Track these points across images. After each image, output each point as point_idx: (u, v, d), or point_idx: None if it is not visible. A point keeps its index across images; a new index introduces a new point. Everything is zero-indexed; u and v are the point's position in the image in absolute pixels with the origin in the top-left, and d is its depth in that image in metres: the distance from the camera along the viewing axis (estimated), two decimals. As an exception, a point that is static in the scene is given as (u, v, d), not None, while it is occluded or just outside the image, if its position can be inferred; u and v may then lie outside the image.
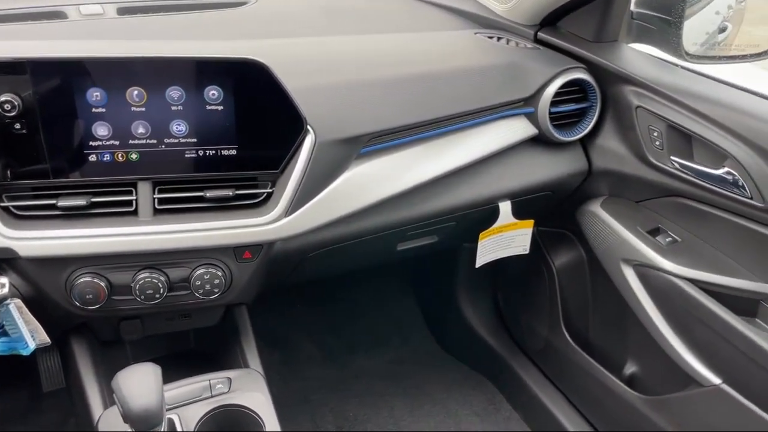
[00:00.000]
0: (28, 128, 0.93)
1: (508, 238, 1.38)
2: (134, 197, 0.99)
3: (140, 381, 0.87)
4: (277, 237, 1.05)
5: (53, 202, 0.96)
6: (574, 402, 1.61)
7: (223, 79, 0.97)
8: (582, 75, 1.25)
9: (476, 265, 1.39)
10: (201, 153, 1.00)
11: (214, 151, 1.01)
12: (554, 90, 1.23)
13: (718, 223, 1.16)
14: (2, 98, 0.90)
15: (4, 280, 0.99)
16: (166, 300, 1.05)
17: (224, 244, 1.03)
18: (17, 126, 0.92)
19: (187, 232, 1.00)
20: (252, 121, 1.01)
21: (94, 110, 0.94)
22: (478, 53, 1.29)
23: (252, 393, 1.11)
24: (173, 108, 0.97)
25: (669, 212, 1.26)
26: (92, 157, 0.96)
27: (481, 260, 1.38)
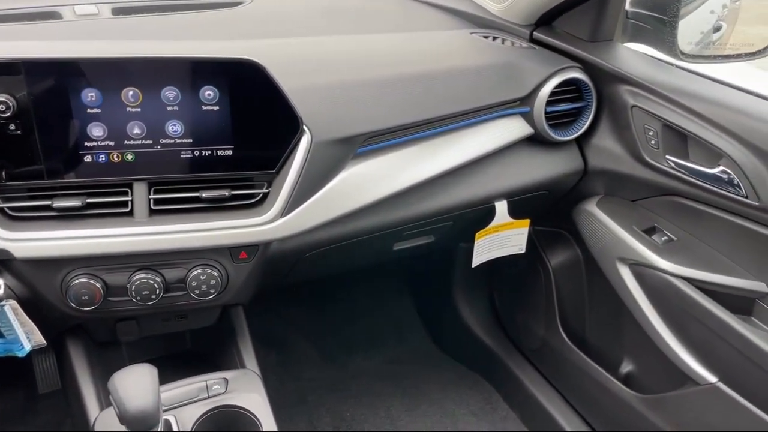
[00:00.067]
0: (23, 129, 0.92)
1: (504, 238, 1.38)
2: (130, 198, 0.99)
3: (136, 382, 0.87)
4: (274, 237, 1.05)
5: (48, 203, 0.96)
6: (571, 401, 1.61)
7: (219, 79, 0.97)
8: (577, 74, 1.26)
9: (473, 265, 1.39)
10: (197, 153, 1.00)
11: (209, 152, 1.00)
12: (550, 89, 1.23)
13: (714, 221, 1.17)
14: None
15: (-1, 281, 0.99)
16: (162, 301, 1.05)
17: (220, 244, 1.03)
18: (12, 127, 0.92)
19: (183, 233, 1.00)
20: (248, 121, 1.00)
21: (89, 111, 0.94)
22: (473, 53, 1.29)
23: (249, 394, 1.11)
24: (169, 108, 0.97)
25: (665, 211, 1.27)
26: (87, 158, 0.96)
27: (477, 260, 1.38)
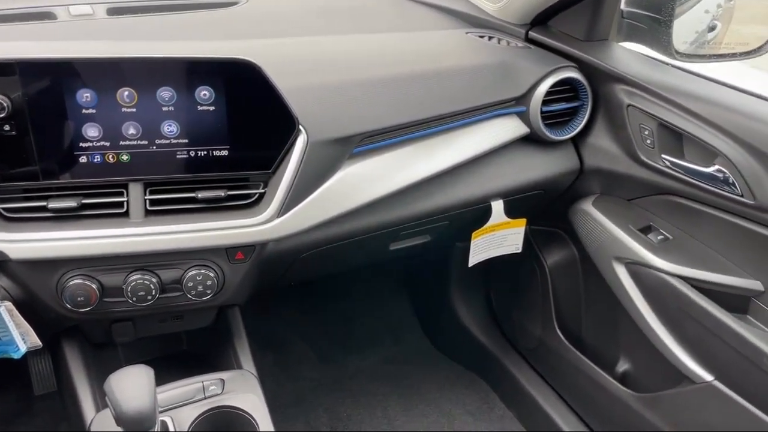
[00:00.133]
0: (18, 130, 0.92)
1: (500, 237, 1.38)
2: (125, 198, 0.99)
3: (133, 383, 0.87)
4: (270, 237, 1.05)
5: (44, 204, 0.96)
6: (568, 400, 1.61)
7: (215, 79, 0.97)
8: (573, 74, 1.26)
9: (469, 265, 1.39)
10: (192, 154, 1.00)
11: (205, 152, 1.00)
12: (545, 89, 1.24)
13: (709, 220, 1.17)
14: None
15: (-6, 283, 0.98)
16: (158, 301, 1.04)
17: (216, 245, 1.03)
18: (6, 128, 0.91)
19: (179, 233, 0.99)
20: (244, 121, 1.00)
21: (84, 111, 0.94)
22: (469, 53, 1.29)
23: (245, 394, 1.10)
24: (164, 109, 0.96)
25: (660, 210, 1.27)
26: (83, 159, 0.96)
27: (473, 259, 1.38)
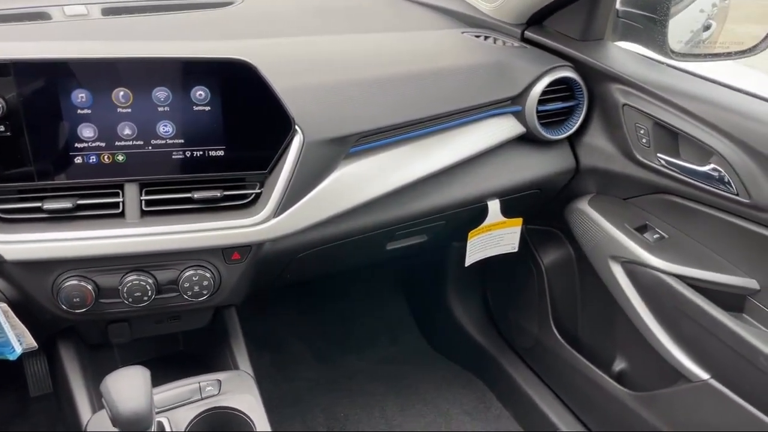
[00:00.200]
0: (13, 130, 0.91)
1: (497, 237, 1.38)
2: (121, 199, 0.98)
3: (129, 384, 0.86)
4: (266, 238, 1.04)
5: (39, 204, 0.95)
6: (564, 399, 1.62)
7: (210, 79, 0.97)
8: (569, 73, 1.26)
9: (465, 264, 1.39)
10: (188, 154, 0.99)
11: (201, 152, 1.00)
12: (541, 88, 1.24)
13: (705, 219, 1.17)
14: None
15: (-11, 284, 0.98)
16: (154, 302, 1.04)
17: (213, 245, 1.03)
18: (1, 128, 0.91)
19: (174, 234, 0.99)
20: (240, 121, 1.00)
21: (79, 112, 0.93)
22: (465, 52, 1.29)
23: (242, 395, 1.10)
24: (160, 109, 0.96)
25: (656, 209, 1.27)
26: (78, 159, 0.96)
27: (470, 259, 1.39)
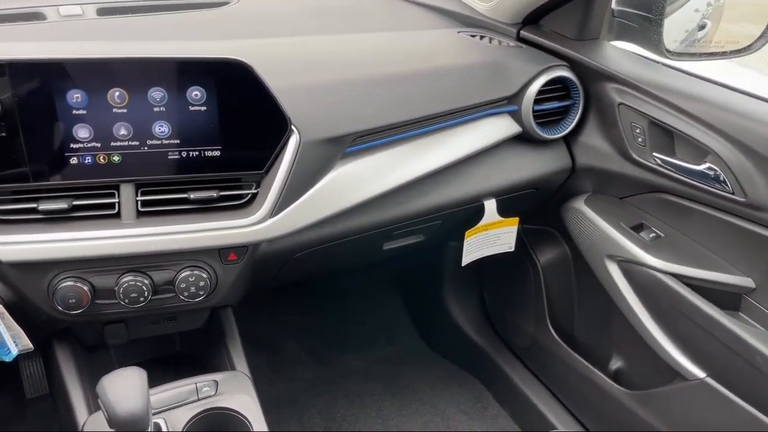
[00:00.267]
0: (8, 131, 0.91)
1: (493, 236, 1.38)
2: (117, 200, 0.98)
3: (125, 385, 0.86)
4: (263, 238, 1.04)
5: (34, 205, 0.95)
6: (561, 398, 1.62)
7: (206, 79, 0.96)
8: (565, 73, 1.26)
9: (462, 264, 1.39)
10: (184, 154, 0.99)
11: (197, 152, 1.00)
12: (537, 88, 1.24)
13: (701, 218, 1.17)
14: None
15: (-16, 285, 0.97)
16: (150, 303, 1.04)
17: (209, 246, 1.03)
18: (-4, 129, 0.91)
19: (171, 235, 0.99)
20: (236, 121, 1.00)
21: (74, 112, 0.93)
22: (461, 52, 1.29)
23: (239, 395, 1.10)
24: (155, 109, 0.96)
25: (652, 208, 1.28)
26: (73, 160, 0.95)
27: (467, 258, 1.39)
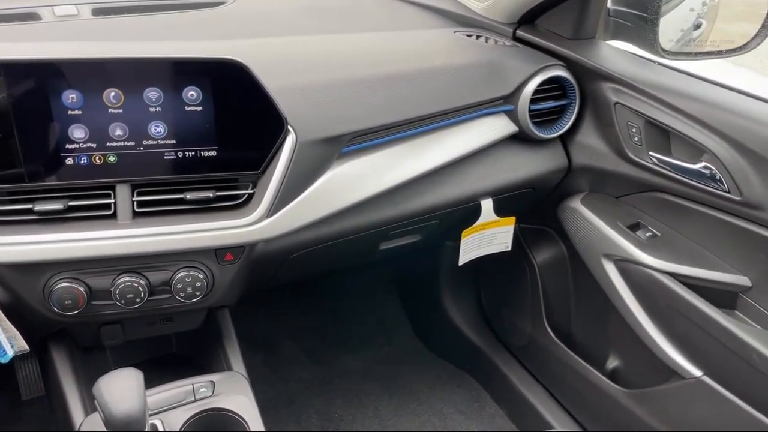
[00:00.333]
0: (3, 132, 0.91)
1: (490, 236, 1.38)
2: (113, 200, 0.98)
3: (122, 386, 0.86)
4: (259, 238, 1.04)
5: (29, 206, 0.94)
6: (558, 397, 1.62)
7: (202, 79, 0.96)
8: (561, 72, 1.26)
9: (459, 263, 1.39)
10: (180, 154, 0.99)
11: (193, 153, 0.99)
12: (533, 87, 1.24)
13: (697, 217, 1.18)
14: None
15: (-20, 287, 0.97)
16: (146, 304, 1.03)
17: (205, 246, 1.02)
18: (-9, 130, 0.90)
19: (167, 235, 0.99)
20: (232, 121, 1.00)
21: (70, 113, 0.93)
22: (457, 52, 1.29)
23: (236, 396, 1.10)
24: (151, 109, 0.96)
25: (648, 207, 1.28)
26: (69, 161, 0.95)
27: (463, 258, 1.39)
